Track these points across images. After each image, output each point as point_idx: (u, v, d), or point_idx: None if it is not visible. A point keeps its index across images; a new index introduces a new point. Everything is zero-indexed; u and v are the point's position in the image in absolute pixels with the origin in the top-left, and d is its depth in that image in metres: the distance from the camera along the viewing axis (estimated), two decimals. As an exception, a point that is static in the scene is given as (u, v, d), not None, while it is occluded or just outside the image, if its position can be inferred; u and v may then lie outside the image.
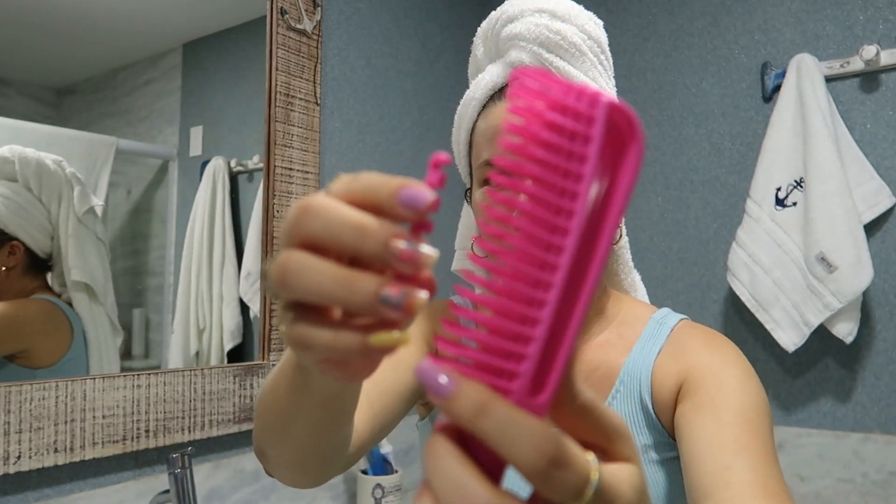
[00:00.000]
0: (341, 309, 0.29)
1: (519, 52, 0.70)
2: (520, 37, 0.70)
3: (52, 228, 1.05)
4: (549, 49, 0.69)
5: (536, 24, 0.69)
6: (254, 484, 1.26)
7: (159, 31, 1.23)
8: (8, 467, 0.95)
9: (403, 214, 0.27)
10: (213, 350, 1.29)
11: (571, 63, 0.69)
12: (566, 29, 0.68)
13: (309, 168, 1.40)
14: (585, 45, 0.69)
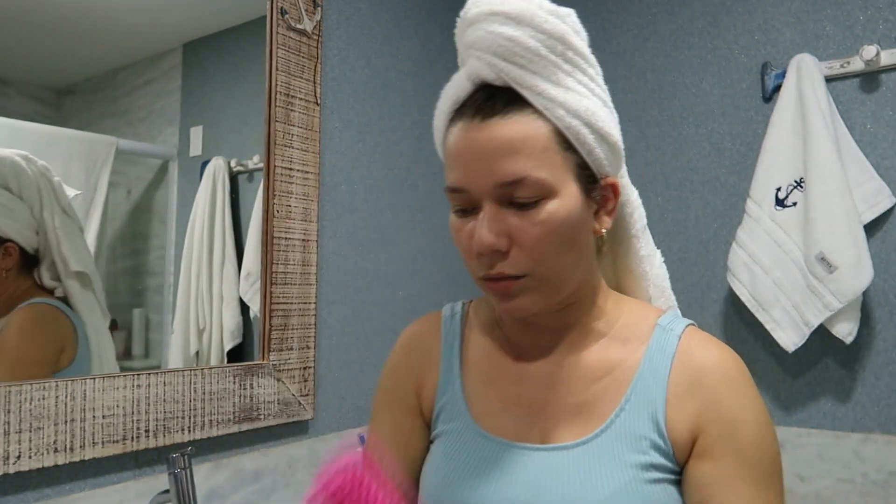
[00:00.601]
0: None
1: (477, 62, 0.66)
2: (475, 46, 0.65)
3: (38, 223, 1.05)
4: (504, 58, 0.64)
5: (489, 32, 0.64)
6: (254, 484, 1.26)
7: (159, 31, 1.23)
8: (8, 467, 0.95)
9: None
10: (213, 350, 1.29)
11: (530, 69, 0.63)
12: (520, 35, 0.63)
13: (309, 168, 1.40)
14: (544, 47, 0.63)
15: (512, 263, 0.64)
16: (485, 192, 0.64)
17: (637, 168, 1.81)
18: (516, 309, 0.67)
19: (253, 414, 1.27)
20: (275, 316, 1.32)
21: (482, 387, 0.75)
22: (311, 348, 1.40)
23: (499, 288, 0.66)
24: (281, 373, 1.33)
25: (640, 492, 0.64)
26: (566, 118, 0.64)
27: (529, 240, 0.63)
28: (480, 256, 0.64)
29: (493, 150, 0.63)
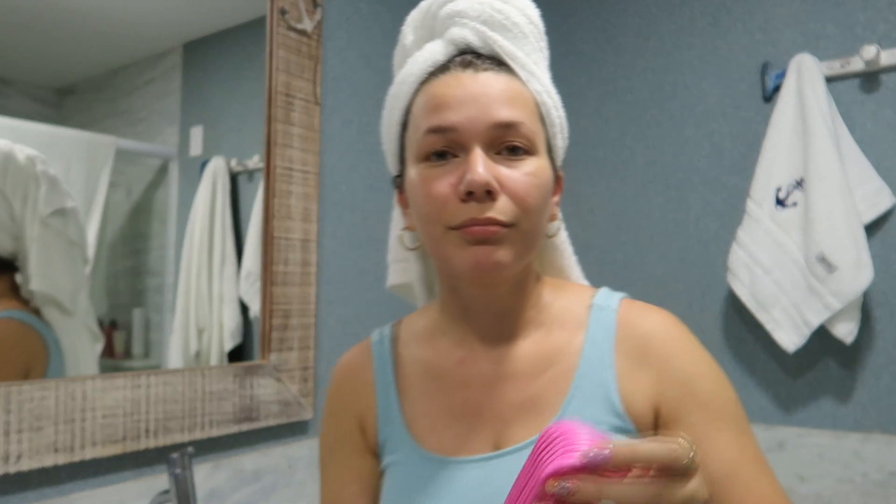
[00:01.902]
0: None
1: (461, 28, 0.67)
2: (462, 14, 0.67)
3: (16, 227, 0.99)
4: (492, 27, 0.67)
5: (480, 3, 0.67)
6: (254, 484, 1.26)
7: (159, 31, 1.23)
8: (8, 467, 0.95)
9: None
10: (213, 350, 1.29)
11: (514, 43, 0.67)
12: (509, 9, 0.68)
13: (309, 168, 1.40)
14: (527, 27, 0.68)
15: (501, 210, 0.62)
16: (477, 134, 0.63)
17: (637, 168, 1.81)
18: (495, 261, 0.62)
19: (253, 414, 1.27)
20: (275, 316, 1.32)
21: (423, 404, 0.72)
22: (311, 348, 1.40)
23: (486, 232, 0.61)
24: (281, 373, 1.33)
25: None
26: (542, 94, 0.67)
27: (520, 188, 0.62)
28: (468, 198, 0.61)
29: (491, 94, 0.64)
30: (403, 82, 0.69)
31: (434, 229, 0.64)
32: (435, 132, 0.64)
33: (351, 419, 0.76)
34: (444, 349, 0.73)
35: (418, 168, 0.66)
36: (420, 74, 0.68)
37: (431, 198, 0.64)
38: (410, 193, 0.68)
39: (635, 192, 1.82)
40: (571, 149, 1.94)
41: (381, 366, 0.76)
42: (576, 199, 1.91)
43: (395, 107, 0.70)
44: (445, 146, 0.64)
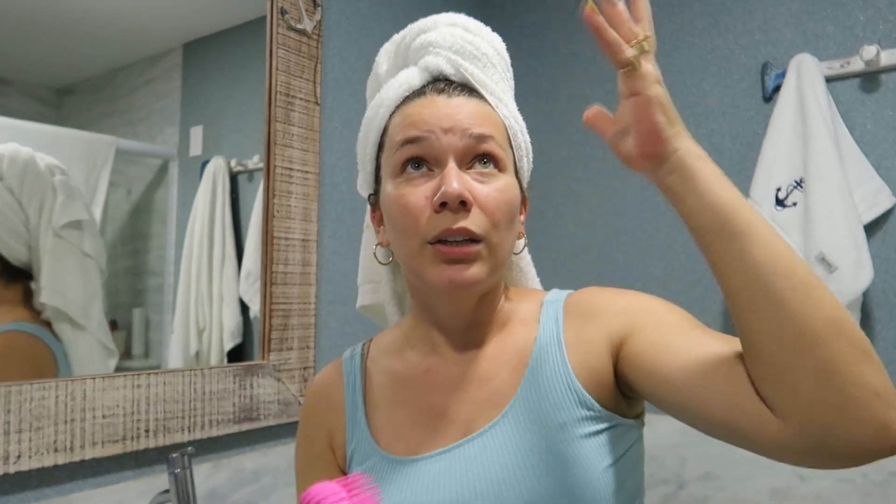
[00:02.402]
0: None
1: (435, 57, 0.72)
2: (435, 44, 0.73)
3: (31, 237, 0.99)
4: (463, 57, 0.72)
5: (452, 35, 0.73)
6: (254, 484, 1.26)
7: (159, 31, 1.23)
8: (8, 467, 0.95)
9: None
10: (213, 350, 1.29)
11: (484, 72, 0.72)
12: (479, 41, 0.73)
13: (309, 168, 1.40)
14: (495, 58, 0.74)
15: (473, 221, 0.65)
16: (450, 145, 0.66)
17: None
18: (467, 277, 0.65)
19: (253, 414, 1.27)
20: (275, 316, 1.32)
21: (389, 413, 0.74)
22: (311, 348, 1.40)
23: (458, 252, 0.65)
24: (281, 373, 1.33)
25: (572, 449, 0.64)
26: (510, 119, 0.72)
27: (491, 202, 0.66)
28: (442, 209, 0.65)
29: (464, 113, 0.68)
30: (380, 105, 0.74)
31: (410, 242, 0.67)
32: (410, 142, 0.68)
33: (322, 437, 0.79)
34: (413, 360, 0.76)
35: (394, 182, 0.69)
36: (396, 98, 0.72)
37: (407, 210, 0.67)
38: (386, 208, 0.71)
39: (635, 192, 1.82)
40: (571, 148, 1.94)
41: (351, 382, 0.79)
42: (576, 199, 1.91)
43: (372, 129, 0.75)
44: (420, 154, 0.67)
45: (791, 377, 0.50)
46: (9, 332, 0.99)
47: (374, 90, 0.83)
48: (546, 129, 1.95)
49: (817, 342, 0.49)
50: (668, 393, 0.61)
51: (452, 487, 0.66)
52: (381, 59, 0.82)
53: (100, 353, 1.07)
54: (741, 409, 0.54)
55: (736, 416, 0.54)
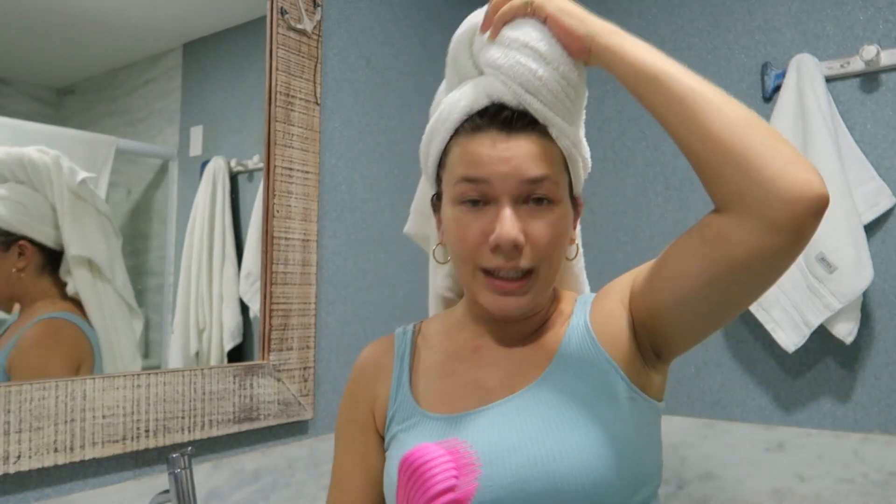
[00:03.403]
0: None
1: (501, 85, 0.72)
2: (502, 70, 0.72)
3: (54, 214, 1.02)
4: (529, 91, 0.71)
5: (521, 63, 0.71)
6: (254, 484, 1.26)
7: (159, 31, 1.23)
8: (8, 467, 0.95)
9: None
10: (213, 350, 1.29)
11: (548, 106, 0.72)
12: (548, 77, 0.71)
13: (309, 168, 1.40)
14: (563, 92, 0.72)
15: (525, 258, 0.71)
16: (507, 189, 0.71)
17: (637, 168, 1.81)
18: (516, 307, 0.73)
19: (253, 414, 1.27)
20: (275, 316, 1.32)
21: (435, 382, 0.81)
22: (311, 348, 1.40)
23: (510, 286, 0.72)
24: (281, 373, 1.33)
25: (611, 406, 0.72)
26: (570, 148, 0.75)
27: (543, 238, 0.71)
28: (497, 250, 0.70)
29: (521, 153, 0.71)
30: (442, 124, 0.76)
31: (466, 267, 0.75)
32: (469, 181, 0.72)
33: (366, 400, 0.85)
34: (462, 340, 0.83)
35: (454, 210, 0.74)
36: (457, 120, 0.74)
37: (465, 241, 0.73)
38: (446, 226, 0.77)
39: (635, 192, 1.82)
40: (571, 149, 1.94)
41: (401, 352, 0.85)
42: (576, 199, 1.91)
43: (434, 144, 0.78)
44: (478, 195, 0.72)
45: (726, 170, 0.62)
46: (47, 320, 1.02)
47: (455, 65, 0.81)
48: (546, 129, 1.94)
49: (736, 135, 0.63)
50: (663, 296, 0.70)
51: (496, 434, 0.71)
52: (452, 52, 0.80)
53: (125, 313, 1.11)
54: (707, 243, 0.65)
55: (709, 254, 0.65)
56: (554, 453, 0.68)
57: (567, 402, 0.72)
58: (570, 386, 0.73)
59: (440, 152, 0.77)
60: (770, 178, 0.60)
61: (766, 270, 0.64)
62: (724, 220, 0.64)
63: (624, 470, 0.69)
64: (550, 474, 0.67)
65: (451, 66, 0.81)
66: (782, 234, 0.60)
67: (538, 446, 0.69)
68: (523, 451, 0.69)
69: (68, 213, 1.03)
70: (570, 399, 0.72)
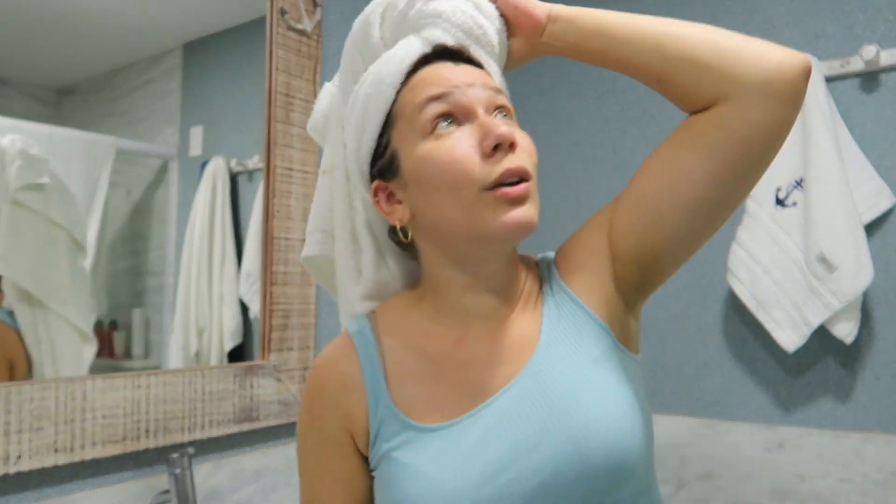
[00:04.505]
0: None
1: (441, 31, 0.72)
2: (444, 17, 0.72)
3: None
4: (470, 37, 0.73)
5: (464, 12, 0.72)
6: (254, 484, 1.26)
7: (159, 31, 1.23)
8: (8, 467, 0.95)
9: None
10: (213, 350, 1.29)
11: (486, 51, 0.74)
12: (488, 26, 0.74)
13: (309, 168, 1.40)
14: (499, 47, 0.75)
15: (522, 160, 0.67)
16: (478, 96, 0.68)
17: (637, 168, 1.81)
18: (531, 216, 0.67)
19: (253, 414, 1.27)
20: (275, 316, 1.32)
21: (420, 389, 0.72)
22: (311, 348, 1.40)
23: (520, 192, 0.66)
24: (281, 373, 1.33)
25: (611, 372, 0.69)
26: (506, 92, 0.74)
27: (527, 143, 0.69)
28: (494, 153, 0.66)
29: (475, 71, 0.71)
30: (381, 82, 0.71)
31: (464, 193, 0.66)
32: (437, 99, 0.68)
33: (337, 419, 0.74)
34: (440, 334, 0.74)
35: (428, 142, 0.67)
36: (401, 71, 0.70)
37: (457, 161, 0.66)
38: (421, 171, 0.68)
39: (635, 192, 1.82)
40: (571, 148, 1.94)
41: (366, 356, 0.74)
42: (576, 198, 1.91)
43: (373, 105, 0.71)
44: (450, 110, 0.68)
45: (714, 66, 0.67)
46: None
47: (361, 55, 0.77)
48: (546, 128, 1.95)
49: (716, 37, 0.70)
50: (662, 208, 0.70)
51: (509, 433, 0.66)
52: (372, 19, 0.76)
53: (74, 339, 0.98)
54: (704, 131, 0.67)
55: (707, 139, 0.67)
56: (579, 434, 0.64)
57: (571, 377, 0.68)
58: (568, 358, 0.69)
59: (386, 111, 0.71)
60: (760, 56, 0.65)
61: (770, 141, 0.67)
62: (717, 111, 0.66)
63: (643, 432, 0.67)
64: (581, 456, 0.63)
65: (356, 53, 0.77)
66: (782, 101, 0.65)
67: (560, 432, 0.64)
68: (545, 441, 0.64)
69: (5, 221, 0.88)
70: (574, 372, 0.68)
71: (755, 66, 0.65)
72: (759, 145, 0.66)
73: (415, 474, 0.67)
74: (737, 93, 0.65)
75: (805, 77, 0.65)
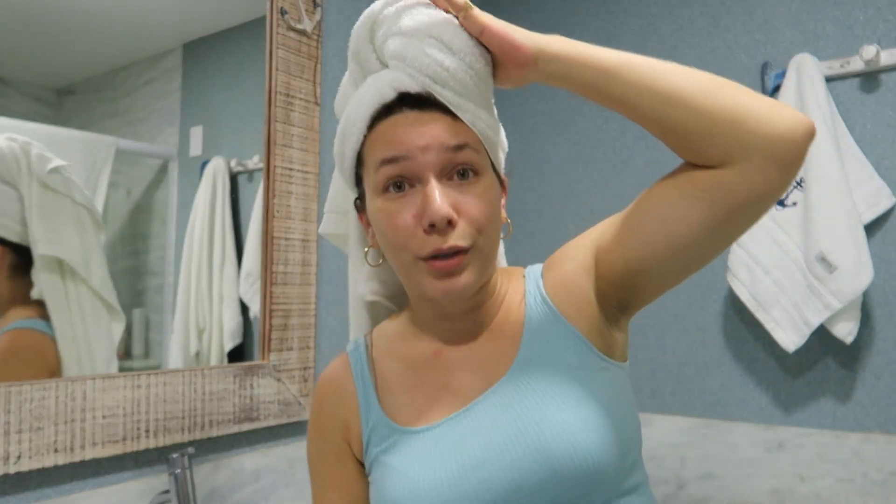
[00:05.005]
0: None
1: (407, 78, 0.69)
2: (408, 61, 0.69)
3: (22, 208, 0.96)
4: (437, 82, 0.69)
5: (426, 55, 0.68)
6: (254, 484, 1.26)
7: (159, 31, 1.23)
8: (8, 467, 0.95)
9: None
10: (213, 350, 1.29)
11: (455, 92, 0.70)
12: (455, 66, 0.68)
13: (309, 168, 1.40)
14: (472, 81, 0.70)
15: (460, 235, 0.68)
16: (430, 162, 0.68)
17: (637, 168, 1.81)
18: (461, 286, 0.69)
19: (253, 414, 1.27)
20: (275, 316, 1.32)
21: (405, 396, 0.78)
22: (311, 348, 1.40)
23: (449, 265, 0.68)
24: (281, 373, 1.33)
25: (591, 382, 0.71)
26: (486, 131, 0.73)
27: (475, 211, 0.69)
28: (432, 230, 0.67)
29: (437, 125, 0.69)
30: (352, 124, 0.73)
31: (403, 258, 0.71)
32: (389, 162, 0.69)
33: (336, 429, 0.81)
34: (421, 346, 0.80)
35: (379, 201, 0.71)
36: (367, 116, 0.72)
37: (398, 230, 0.70)
38: (375, 222, 0.73)
39: (635, 192, 1.81)
40: (571, 149, 1.94)
41: (359, 371, 0.82)
42: (576, 198, 1.91)
43: (349, 144, 0.74)
44: (401, 174, 0.69)
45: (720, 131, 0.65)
46: (13, 331, 0.99)
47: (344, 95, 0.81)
48: (546, 129, 1.95)
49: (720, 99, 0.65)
50: (653, 246, 0.70)
51: (482, 435, 0.70)
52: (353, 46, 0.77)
53: (103, 315, 1.05)
54: (706, 189, 0.67)
55: (708, 196, 0.67)
56: (547, 439, 0.67)
57: (546, 386, 0.71)
58: (544, 368, 0.72)
59: (356, 152, 0.74)
60: (768, 123, 0.64)
61: (770, 200, 0.68)
62: (721, 173, 0.66)
63: (614, 440, 0.69)
64: (549, 461, 0.66)
65: (353, 59, 0.77)
66: (786, 167, 0.65)
67: (530, 436, 0.68)
68: (517, 443, 0.68)
69: (36, 207, 0.97)
70: (549, 381, 0.71)
71: (764, 134, 0.64)
72: (759, 205, 0.68)
73: (397, 474, 0.72)
74: (743, 160, 0.65)
75: (810, 142, 0.65)
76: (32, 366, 1.00)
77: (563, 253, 0.80)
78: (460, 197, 0.69)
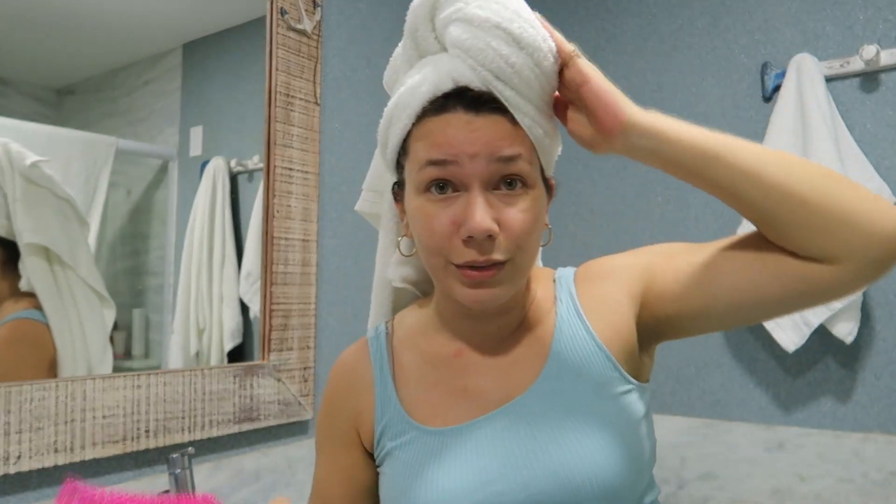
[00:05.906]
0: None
1: (469, 70, 0.65)
2: (471, 53, 0.65)
3: (6, 202, 0.97)
4: (499, 78, 0.65)
5: (492, 47, 0.64)
6: (254, 484, 1.26)
7: (159, 31, 1.23)
8: (8, 467, 0.95)
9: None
10: (213, 350, 1.29)
11: (520, 92, 0.66)
12: (521, 63, 0.64)
13: (309, 168, 1.40)
14: (537, 80, 0.66)
15: (499, 248, 0.65)
16: (477, 171, 0.65)
17: (638, 168, 1.81)
18: (490, 298, 0.67)
19: (253, 414, 1.27)
20: (275, 316, 1.32)
21: (422, 392, 0.76)
22: (311, 348, 1.40)
23: (483, 276, 0.66)
24: (281, 373, 1.33)
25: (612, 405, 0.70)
26: (542, 137, 0.69)
27: (517, 226, 0.66)
28: (470, 241, 0.64)
29: (491, 131, 0.65)
30: (402, 110, 0.69)
31: (436, 261, 0.68)
32: (435, 164, 0.66)
33: (346, 416, 0.79)
34: (442, 342, 0.77)
35: (419, 200, 0.68)
36: (418, 107, 0.68)
37: (434, 234, 0.67)
38: (412, 219, 0.70)
39: (635, 192, 1.82)
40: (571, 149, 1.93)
41: (378, 360, 0.79)
42: (576, 199, 1.91)
43: (395, 130, 0.70)
44: (445, 177, 0.66)
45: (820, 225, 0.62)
46: (13, 322, 0.99)
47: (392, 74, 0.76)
48: (546, 129, 1.95)
49: (824, 193, 0.62)
50: (716, 303, 0.69)
51: (502, 447, 0.69)
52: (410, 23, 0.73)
53: (94, 301, 1.05)
54: (793, 276, 0.65)
55: (793, 283, 0.65)
56: (567, 461, 0.66)
57: (570, 405, 0.69)
58: (570, 386, 0.71)
59: (401, 140, 0.70)
60: (873, 225, 0.61)
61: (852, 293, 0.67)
62: (817, 268, 0.64)
63: (633, 466, 0.68)
64: (565, 483, 0.65)
65: (410, 36, 0.73)
66: (884, 268, 0.63)
67: (549, 455, 0.67)
68: (535, 461, 0.67)
69: (20, 200, 0.98)
70: (573, 401, 0.70)
71: (869, 238, 0.61)
72: (837, 297, 0.66)
73: (413, 473, 0.71)
74: (842, 261, 0.63)
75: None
76: (33, 355, 1.01)
77: (601, 267, 0.77)
78: (504, 209, 0.66)
